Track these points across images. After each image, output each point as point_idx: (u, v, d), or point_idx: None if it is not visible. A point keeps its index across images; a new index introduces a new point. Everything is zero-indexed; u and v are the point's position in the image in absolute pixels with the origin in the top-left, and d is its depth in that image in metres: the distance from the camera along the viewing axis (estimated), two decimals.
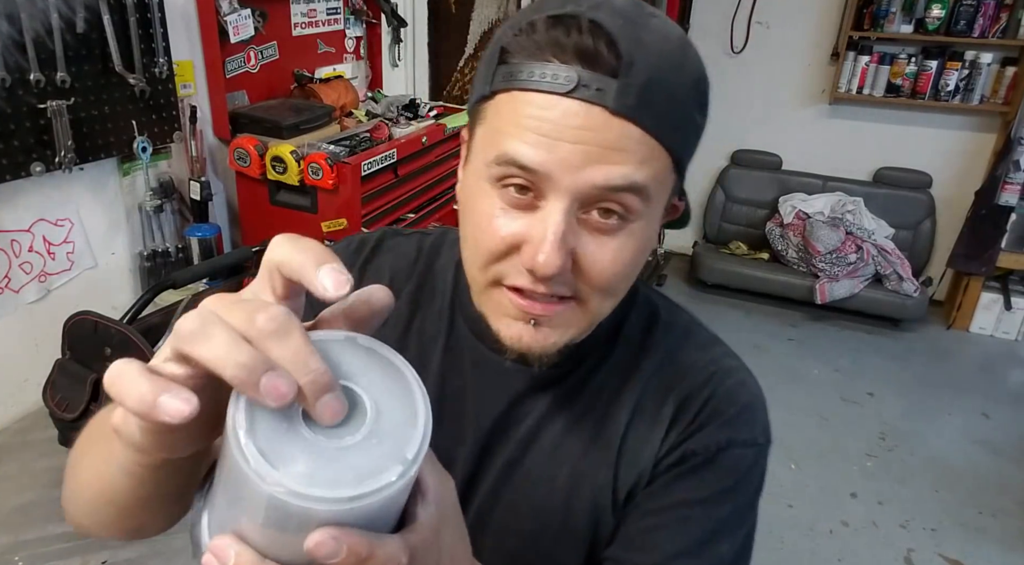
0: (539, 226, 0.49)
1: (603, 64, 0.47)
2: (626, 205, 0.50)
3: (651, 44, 0.48)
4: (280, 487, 0.31)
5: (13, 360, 1.36)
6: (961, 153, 3.90)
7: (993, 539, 2.43)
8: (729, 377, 0.64)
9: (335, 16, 2.09)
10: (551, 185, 0.49)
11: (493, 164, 0.50)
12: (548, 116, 0.48)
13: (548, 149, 0.48)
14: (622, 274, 0.53)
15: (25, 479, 1.18)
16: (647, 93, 0.47)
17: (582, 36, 0.47)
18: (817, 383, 3.31)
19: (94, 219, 1.47)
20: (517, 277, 0.52)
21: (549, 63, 0.48)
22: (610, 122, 0.47)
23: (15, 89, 1.22)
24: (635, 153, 0.48)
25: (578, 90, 0.47)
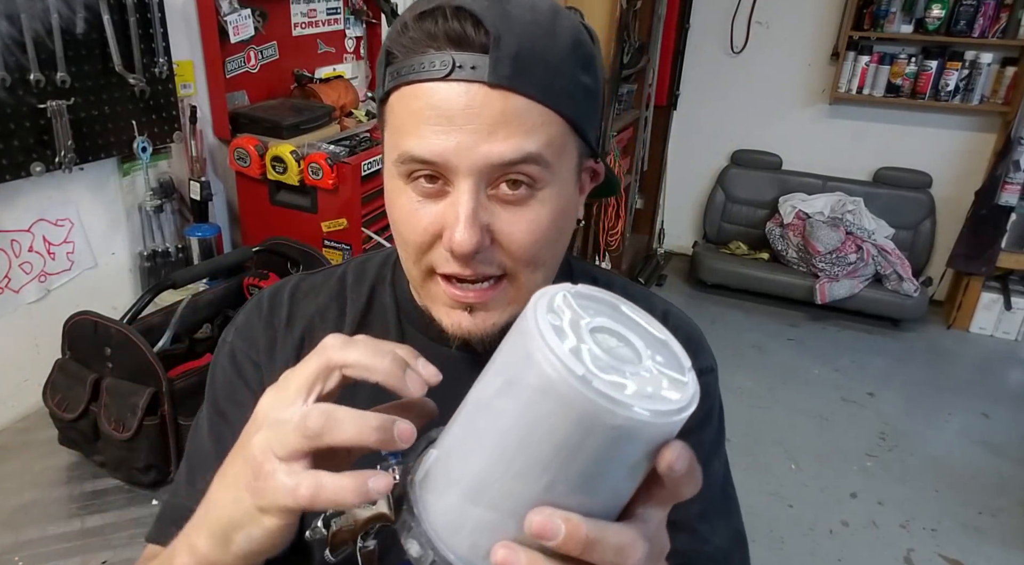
0: (452, 209, 0.52)
1: (473, 43, 0.50)
2: (528, 174, 0.52)
3: (518, 17, 0.51)
4: (626, 410, 0.31)
5: (13, 360, 1.35)
6: (961, 153, 3.90)
7: (993, 539, 2.43)
8: (677, 317, 0.70)
9: (335, 16, 2.09)
10: (453, 170, 0.51)
11: (399, 163, 0.53)
12: (434, 103, 0.50)
13: (442, 138, 0.50)
14: (542, 242, 0.55)
15: (25, 479, 1.18)
16: (521, 62, 0.50)
17: (449, 22, 0.50)
18: (817, 383, 3.31)
19: (94, 219, 1.47)
20: (446, 264, 0.55)
21: (426, 54, 0.51)
22: (491, 96, 0.50)
23: (15, 89, 1.22)
24: (523, 123, 0.51)
25: (455, 71, 0.49)
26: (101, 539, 1.05)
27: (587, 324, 0.35)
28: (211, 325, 1.42)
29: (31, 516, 1.09)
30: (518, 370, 0.34)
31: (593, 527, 0.33)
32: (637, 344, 0.36)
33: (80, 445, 1.20)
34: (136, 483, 1.16)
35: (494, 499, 0.35)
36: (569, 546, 0.33)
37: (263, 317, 0.68)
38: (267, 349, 0.67)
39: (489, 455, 0.35)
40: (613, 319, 0.37)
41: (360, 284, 0.70)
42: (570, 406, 0.31)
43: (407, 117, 0.52)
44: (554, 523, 0.33)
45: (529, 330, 0.33)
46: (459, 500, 0.36)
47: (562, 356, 0.31)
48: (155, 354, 1.11)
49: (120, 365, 1.13)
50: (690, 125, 4.33)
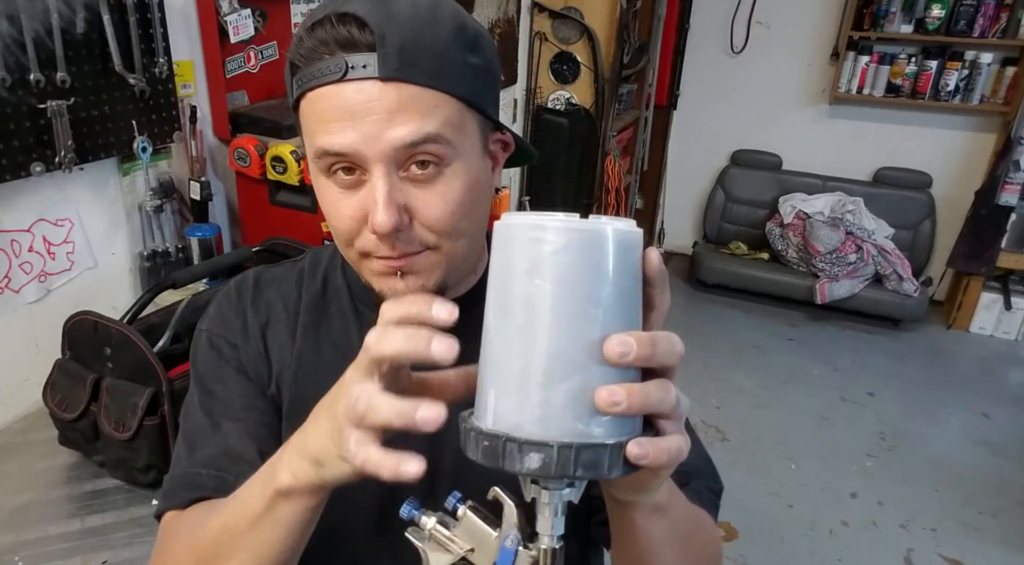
0: (370, 195, 0.58)
1: (360, 44, 0.55)
2: (432, 153, 0.58)
3: (399, 13, 0.56)
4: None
5: (13, 360, 1.35)
6: (961, 153, 3.90)
7: (993, 539, 2.43)
8: None
9: None
10: (364, 158, 0.57)
11: (316, 159, 0.59)
12: (337, 103, 0.56)
13: (348, 132, 0.56)
14: (457, 213, 0.60)
15: (25, 479, 1.18)
16: (406, 54, 0.55)
17: (336, 28, 0.55)
18: (817, 383, 3.31)
19: (94, 219, 1.47)
20: (375, 247, 0.60)
21: (322, 60, 0.56)
22: (385, 89, 0.55)
23: (15, 89, 1.22)
24: (418, 108, 0.56)
25: (349, 72, 0.55)
26: (101, 539, 1.05)
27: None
28: None
29: (31, 516, 1.09)
30: (529, 258, 0.41)
31: (648, 332, 0.41)
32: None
33: (80, 445, 1.20)
34: (136, 483, 1.16)
35: (567, 366, 0.40)
36: (643, 353, 0.40)
37: (233, 304, 0.76)
38: (241, 330, 0.74)
39: (547, 332, 0.40)
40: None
41: (315, 272, 0.77)
42: (586, 243, 0.40)
43: (315, 118, 0.58)
44: (624, 341, 0.40)
45: (510, 231, 0.42)
46: (540, 394, 0.40)
47: (560, 219, 0.40)
48: (155, 354, 1.11)
49: (120, 365, 1.13)
50: (690, 125, 4.33)
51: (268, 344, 0.74)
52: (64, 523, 1.08)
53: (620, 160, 3.50)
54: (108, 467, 1.17)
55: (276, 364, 0.74)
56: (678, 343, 0.42)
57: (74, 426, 1.16)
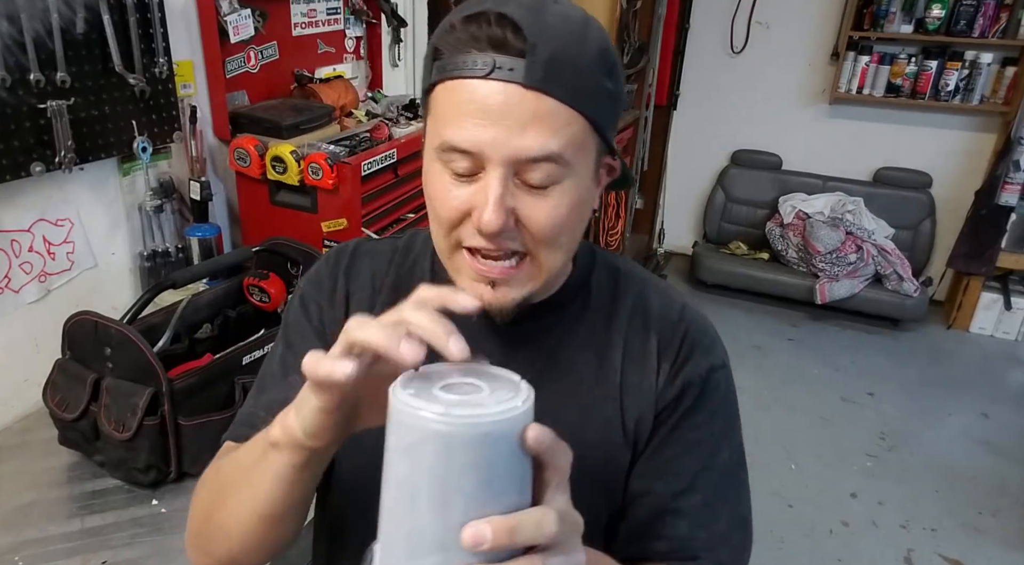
0: (482, 193, 0.59)
1: (512, 47, 0.56)
2: (550, 170, 0.59)
3: (553, 26, 0.57)
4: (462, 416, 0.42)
5: (13, 360, 1.35)
6: (961, 153, 3.90)
7: (993, 539, 2.43)
8: (692, 312, 0.76)
9: (335, 16, 2.09)
10: (487, 158, 0.58)
11: (440, 150, 0.60)
12: (475, 98, 0.57)
13: (479, 129, 0.57)
14: (561, 226, 0.62)
15: (25, 479, 1.18)
16: (553, 67, 0.56)
17: (492, 27, 0.56)
18: (817, 383, 3.31)
19: (94, 219, 1.47)
20: (472, 238, 0.61)
21: (470, 54, 0.57)
22: (525, 96, 0.56)
23: (15, 89, 1.22)
24: (551, 123, 0.57)
25: (494, 72, 0.56)
26: (101, 539, 1.05)
27: (439, 385, 0.46)
28: (211, 325, 1.42)
29: (31, 516, 1.09)
30: (398, 438, 0.44)
31: (509, 517, 0.42)
32: (478, 382, 0.47)
33: (80, 445, 1.20)
34: (136, 483, 1.16)
35: (430, 545, 0.43)
36: (500, 540, 0.41)
37: (330, 266, 0.79)
38: (329, 292, 0.78)
39: (411, 510, 0.43)
40: (458, 373, 0.48)
41: (408, 252, 0.80)
42: (442, 436, 0.42)
43: (449, 108, 0.59)
44: (480, 530, 0.41)
45: (393, 406, 0.44)
46: (408, 561, 0.44)
47: (419, 407, 0.42)
48: (155, 354, 1.11)
49: (120, 365, 1.13)
50: (690, 125, 4.33)
51: (349, 312, 0.76)
52: (64, 523, 1.08)
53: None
54: (108, 467, 1.17)
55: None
56: (549, 524, 0.43)
57: (74, 426, 1.16)
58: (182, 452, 1.15)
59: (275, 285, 1.44)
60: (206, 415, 1.16)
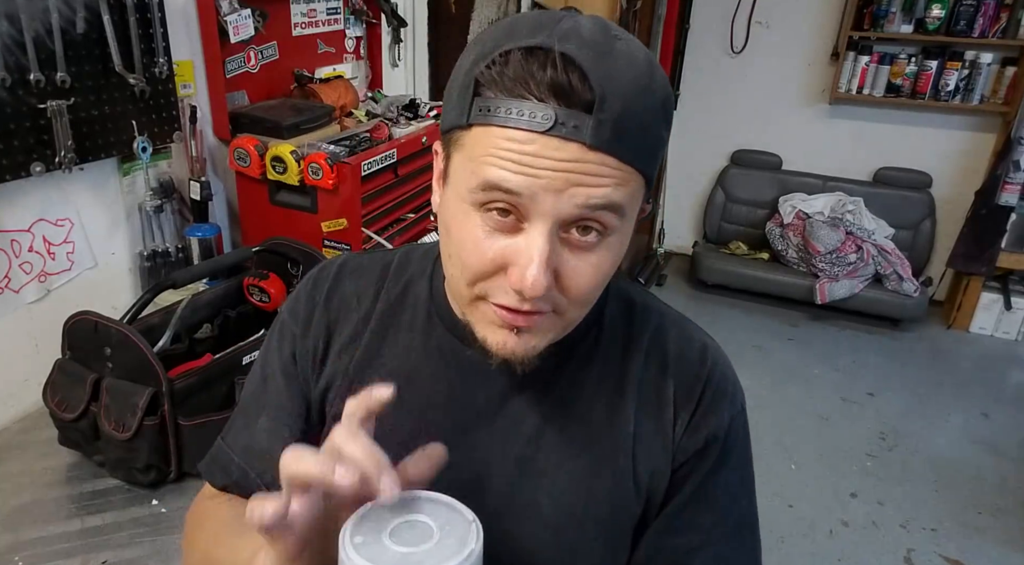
0: (524, 249, 0.52)
1: (577, 100, 0.49)
2: (603, 222, 0.53)
3: (621, 74, 0.50)
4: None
5: (13, 360, 1.35)
6: (961, 153, 3.90)
7: (993, 539, 2.43)
8: (713, 353, 0.70)
9: (335, 16, 2.09)
10: (534, 208, 0.51)
11: (477, 190, 0.52)
12: (528, 149, 0.50)
13: (531, 175, 0.50)
14: (600, 286, 0.57)
15: (25, 479, 1.18)
16: (620, 125, 0.50)
17: (556, 72, 0.48)
18: (817, 383, 3.31)
19: (94, 219, 1.47)
20: (503, 296, 0.55)
21: (525, 101, 0.49)
22: (588, 154, 0.49)
23: (15, 89, 1.22)
24: (612, 178, 0.51)
25: (555, 128, 0.49)
26: (101, 539, 1.05)
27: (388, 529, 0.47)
28: (211, 325, 1.42)
29: (31, 516, 1.09)
30: None
31: None
32: (430, 522, 0.48)
33: (80, 445, 1.20)
34: (136, 483, 1.16)
35: None
36: None
37: (308, 291, 0.73)
38: (304, 321, 0.71)
39: None
40: (410, 509, 0.49)
41: (400, 273, 0.72)
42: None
43: (494, 151, 0.51)
44: None
45: (342, 561, 0.45)
46: None
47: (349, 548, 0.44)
48: (155, 354, 1.11)
49: (120, 365, 1.13)
50: (690, 125, 4.33)
51: (330, 344, 0.71)
52: (64, 523, 1.08)
53: None
54: (108, 467, 1.17)
55: (331, 367, 0.71)
56: None
57: (74, 426, 1.16)
58: (182, 452, 1.15)
59: (275, 285, 1.44)
60: (206, 415, 1.16)
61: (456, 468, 0.64)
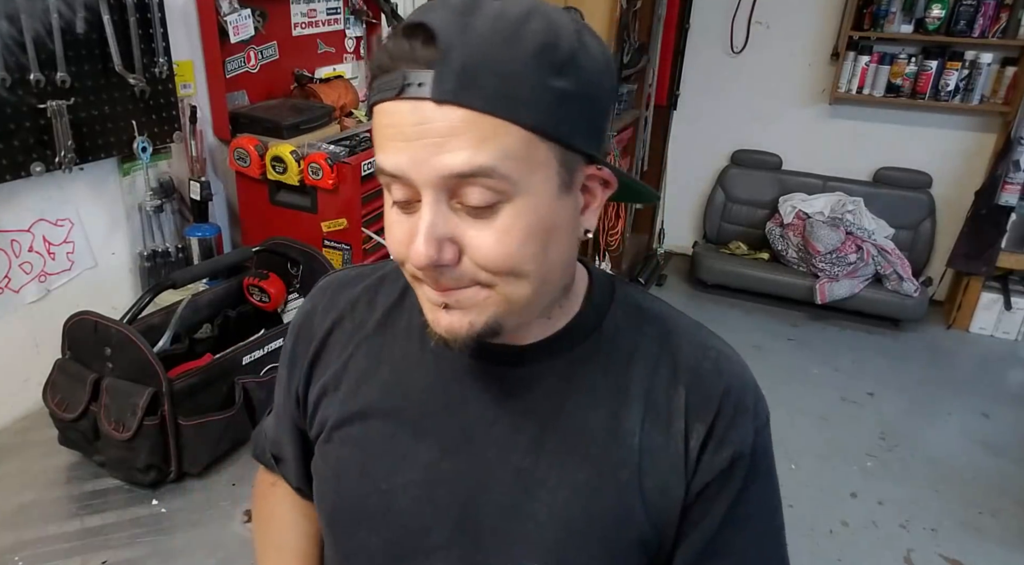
0: (417, 222, 0.53)
1: (420, 59, 0.49)
2: (487, 187, 0.51)
3: (476, 27, 0.49)
4: None
5: (13, 360, 1.35)
6: (961, 153, 3.89)
7: (993, 539, 2.43)
8: (729, 361, 0.66)
9: (335, 16, 2.09)
10: (415, 184, 0.52)
11: (378, 176, 0.55)
12: (393, 121, 0.51)
13: (401, 152, 0.51)
14: (516, 254, 0.53)
15: (25, 479, 1.18)
16: (467, 75, 0.48)
17: (404, 40, 0.50)
18: (817, 383, 3.31)
19: (94, 219, 1.47)
20: (423, 275, 0.55)
21: (388, 73, 0.51)
22: (438, 111, 0.49)
23: (15, 89, 1.22)
24: (471, 135, 0.49)
25: (405, 90, 0.50)
26: (101, 539, 1.05)
27: None
28: (211, 325, 1.42)
29: (31, 516, 1.09)
30: None
31: None
32: None
33: (80, 445, 1.20)
34: (136, 483, 1.16)
35: None
36: None
37: (314, 298, 0.76)
38: (307, 329, 0.74)
39: None
40: None
41: (397, 280, 0.72)
42: None
43: (377, 133, 0.53)
44: None
45: None
46: None
47: None
48: (155, 354, 1.11)
49: (120, 365, 1.13)
50: (690, 125, 4.33)
51: (326, 350, 0.72)
52: (64, 523, 1.08)
53: (620, 160, 3.49)
54: (108, 467, 1.17)
55: (325, 374, 0.72)
56: None
57: (74, 426, 1.16)
58: (182, 452, 1.15)
59: (275, 285, 1.44)
60: (206, 415, 1.16)
61: (454, 479, 0.64)
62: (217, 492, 1.16)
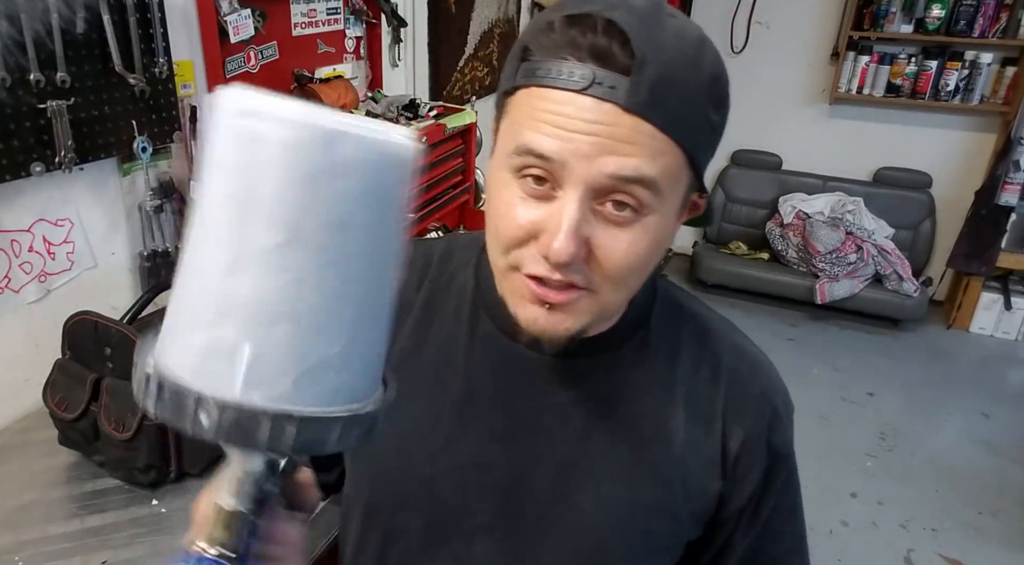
0: (555, 215, 0.52)
1: (616, 62, 0.49)
2: (638, 198, 0.52)
3: (665, 42, 0.50)
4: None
5: (13, 360, 1.35)
6: (961, 153, 3.90)
7: (993, 539, 2.43)
8: (767, 367, 0.69)
9: (335, 16, 2.09)
10: (566, 174, 0.51)
11: (513, 155, 0.53)
12: (563, 110, 0.50)
13: (563, 140, 0.50)
14: (635, 266, 0.55)
15: (25, 479, 1.18)
16: (659, 90, 0.49)
17: (597, 36, 0.49)
18: (817, 383, 3.31)
19: (94, 219, 1.47)
20: (534, 265, 0.54)
21: (566, 61, 0.50)
22: (622, 118, 0.49)
23: (15, 89, 1.22)
24: (646, 147, 0.50)
25: (592, 87, 0.49)
26: (101, 539, 1.05)
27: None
28: None
29: (31, 516, 1.09)
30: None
31: None
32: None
33: (80, 445, 1.20)
34: (136, 483, 1.16)
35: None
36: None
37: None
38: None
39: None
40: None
41: (446, 261, 0.72)
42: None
43: (533, 114, 0.52)
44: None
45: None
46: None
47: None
48: None
49: (120, 365, 1.13)
50: None
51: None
52: (64, 523, 1.08)
53: None
54: (108, 467, 1.17)
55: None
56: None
57: (74, 426, 1.16)
58: (182, 452, 1.15)
59: None
60: None
61: (499, 467, 0.64)
62: None
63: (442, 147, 2.10)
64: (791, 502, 0.72)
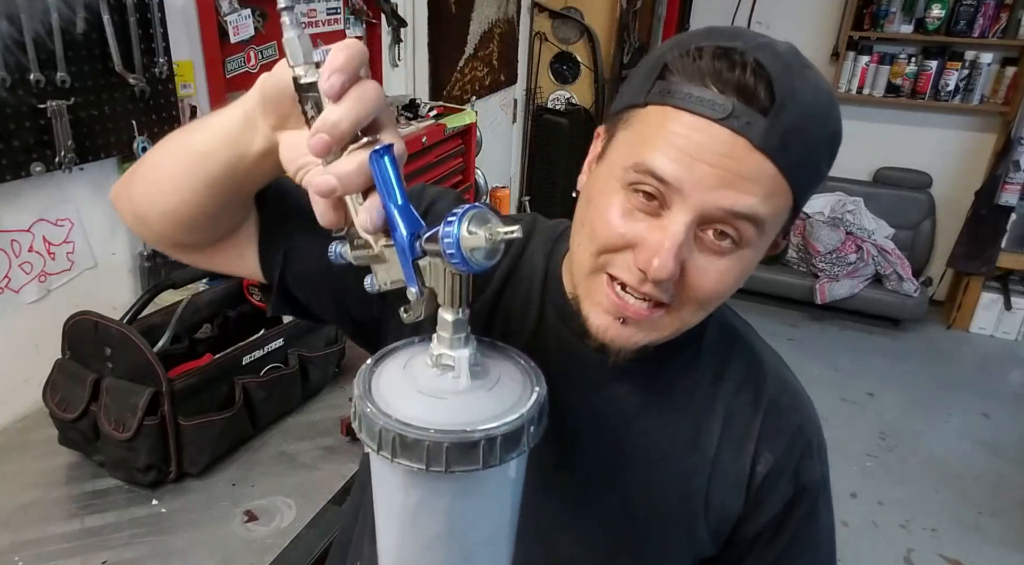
0: (658, 233, 0.53)
1: (757, 101, 0.50)
2: (741, 232, 0.53)
3: (803, 93, 0.52)
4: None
5: (13, 360, 1.35)
6: (961, 153, 3.90)
7: (993, 539, 2.43)
8: (804, 402, 0.70)
9: (335, 16, 2.09)
10: (680, 199, 0.52)
11: (631, 169, 0.54)
12: (695, 137, 0.51)
13: (687, 167, 0.51)
14: (723, 294, 0.57)
15: (25, 479, 1.18)
16: (790, 135, 0.51)
17: (745, 73, 0.51)
18: (817, 383, 3.31)
19: (94, 219, 1.47)
20: (624, 271, 0.55)
21: (707, 89, 0.51)
22: (751, 155, 0.51)
23: (15, 89, 1.22)
24: (764, 187, 0.52)
25: (729, 119, 0.50)
26: (101, 539, 1.05)
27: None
28: (211, 325, 1.42)
29: (31, 516, 1.09)
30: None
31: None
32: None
33: (80, 445, 1.20)
34: (136, 483, 1.16)
35: None
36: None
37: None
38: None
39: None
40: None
41: (523, 244, 0.71)
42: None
43: (661, 132, 0.53)
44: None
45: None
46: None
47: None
48: (155, 354, 1.11)
49: (120, 365, 1.13)
50: None
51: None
52: (64, 523, 1.08)
53: None
54: (108, 467, 1.17)
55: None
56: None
57: (74, 426, 1.16)
58: (182, 452, 1.15)
59: None
60: (206, 415, 1.16)
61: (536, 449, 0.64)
62: (217, 492, 1.16)
63: (442, 147, 2.10)
64: (814, 539, 0.70)
